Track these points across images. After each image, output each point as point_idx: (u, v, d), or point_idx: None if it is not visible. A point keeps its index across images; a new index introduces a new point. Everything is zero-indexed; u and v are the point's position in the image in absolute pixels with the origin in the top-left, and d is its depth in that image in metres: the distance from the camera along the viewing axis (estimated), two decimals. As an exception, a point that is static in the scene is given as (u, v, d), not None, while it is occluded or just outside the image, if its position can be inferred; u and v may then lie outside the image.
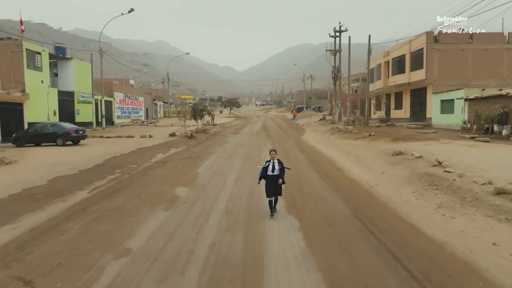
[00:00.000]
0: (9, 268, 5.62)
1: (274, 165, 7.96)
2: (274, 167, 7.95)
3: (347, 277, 5.28)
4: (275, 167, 7.95)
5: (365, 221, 7.78)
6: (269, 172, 7.98)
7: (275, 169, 7.95)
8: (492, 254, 6.03)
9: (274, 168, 7.94)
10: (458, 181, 9.82)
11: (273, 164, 7.98)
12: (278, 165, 7.96)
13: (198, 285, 5.04)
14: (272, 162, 8.00)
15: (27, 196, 9.93)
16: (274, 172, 7.94)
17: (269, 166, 8.00)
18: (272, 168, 7.95)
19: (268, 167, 7.99)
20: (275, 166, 7.95)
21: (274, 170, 7.94)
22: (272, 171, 7.95)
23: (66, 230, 7.36)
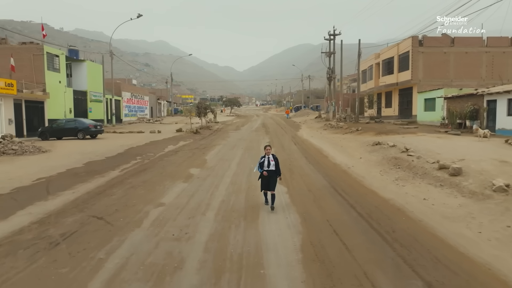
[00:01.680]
0: (83, 212, 8.14)
1: (269, 161, 8.09)
2: (269, 162, 8.07)
3: (316, 216, 7.79)
4: (270, 162, 8.07)
5: (336, 188, 10.31)
6: (264, 167, 8.09)
7: (271, 164, 8.07)
8: (419, 204, 8.56)
9: (269, 163, 8.08)
10: (415, 162, 12.35)
11: (268, 159, 8.11)
12: (273, 160, 8.10)
13: (215, 220, 7.56)
14: (268, 157, 8.13)
15: (72, 174, 12.45)
16: (270, 167, 8.06)
17: (265, 162, 8.12)
18: (268, 163, 8.08)
19: (264, 163, 8.11)
20: (270, 162, 8.07)
21: (270, 165, 8.06)
22: (268, 166, 8.07)
23: (112, 193, 9.88)
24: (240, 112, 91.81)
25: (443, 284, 4.82)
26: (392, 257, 5.72)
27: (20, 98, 24.32)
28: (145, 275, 5.12)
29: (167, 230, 6.96)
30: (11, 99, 23.49)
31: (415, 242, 6.30)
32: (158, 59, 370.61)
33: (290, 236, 6.58)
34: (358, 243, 6.29)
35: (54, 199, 9.22)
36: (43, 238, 6.54)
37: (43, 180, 11.38)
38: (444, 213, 7.86)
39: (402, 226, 7.11)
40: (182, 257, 5.73)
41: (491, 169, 10.01)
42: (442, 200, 8.74)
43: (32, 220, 7.53)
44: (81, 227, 7.12)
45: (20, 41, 31.07)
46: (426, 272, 5.15)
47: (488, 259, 5.57)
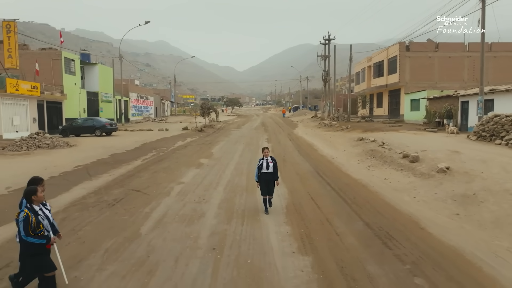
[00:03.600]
0: (123, 187, 10.72)
1: (268, 162, 7.99)
2: (268, 164, 7.97)
3: (300, 190, 10.36)
4: (269, 164, 7.96)
5: (319, 172, 12.90)
6: (263, 169, 7.97)
7: (269, 166, 7.95)
8: (380, 182, 11.16)
9: (268, 165, 7.96)
10: (386, 152, 14.93)
11: (266, 161, 7.99)
12: (271, 162, 8.02)
13: (224, 192, 10.14)
14: (266, 160, 8.02)
15: (103, 163, 15.03)
16: (269, 169, 7.95)
17: (263, 164, 8.00)
18: (267, 166, 7.96)
19: (262, 165, 8.01)
20: (269, 163, 7.97)
21: (269, 167, 7.95)
22: (267, 168, 7.95)
23: (141, 176, 12.46)
24: (240, 112, 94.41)
25: (375, 223, 7.41)
26: (348, 211, 8.32)
27: (43, 99, 26.90)
28: (180, 220, 7.71)
29: (189, 197, 9.55)
30: (35, 100, 26.06)
31: (367, 203, 8.89)
32: (158, 59, 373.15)
33: (279, 201, 9.15)
34: (326, 204, 8.88)
35: (97, 179, 11.81)
36: (102, 201, 9.14)
37: (82, 167, 13.97)
38: (395, 187, 10.46)
39: (361, 195, 9.70)
40: (203, 211, 8.32)
41: (442, 156, 12.56)
42: (398, 179, 11.34)
43: (88, 192, 10.12)
44: (126, 196, 9.72)
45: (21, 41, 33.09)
46: (368, 218, 7.73)
47: (412, 211, 8.17)
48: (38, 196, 4.30)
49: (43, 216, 4.30)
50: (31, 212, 4.17)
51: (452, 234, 6.77)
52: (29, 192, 4.30)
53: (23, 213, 4.14)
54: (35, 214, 4.20)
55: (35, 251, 4.23)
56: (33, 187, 4.40)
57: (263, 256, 5.87)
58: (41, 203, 4.41)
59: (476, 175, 9.99)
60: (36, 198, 4.30)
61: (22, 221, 4.10)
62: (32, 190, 4.33)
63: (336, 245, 6.30)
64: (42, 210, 4.35)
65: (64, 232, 6.99)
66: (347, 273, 5.24)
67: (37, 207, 4.30)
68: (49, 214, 4.45)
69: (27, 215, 4.11)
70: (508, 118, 14.77)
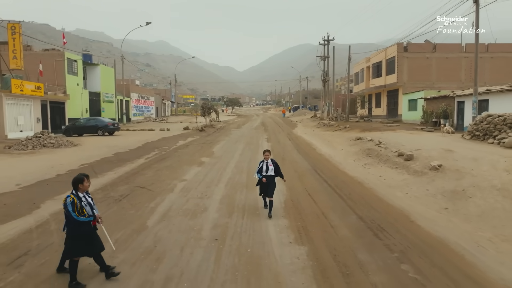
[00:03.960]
0: (128, 184, 11.17)
1: (268, 165, 8.02)
2: (268, 167, 8.00)
3: (298, 187, 10.81)
4: (269, 167, 7.99)
5: (317, 170, 13.35)
6: (263, 172, 8.00)
7: (269, 169, 7.99)
8: (375, 179, 11.61)
9: (268, 168, 7.99)
10: (382, 151, 15.38)
11: (266, 164, 8.03)
12: (271, 165, 8.03)
13: (225, 188, 10.59)
14: (266, 162, 8.06)
15: (107, 161, 15.47)
16: (269, 172, 7.97)
17: (263, 166, 8.03)
18: (266, 168, 7.99)
19: (262, 167, 8.04)
20: (268, 166, 8.00)
21: (268, 170, 7.98)
22: (266, 171, 7.98)
23: (145, 173, 12.90)
24: (240, 112, 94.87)
25: (368, 217, 7.85)
26: (343, 206, 8.77)
27: (46, 99, 27.33)
28: (184, 214, 8.16)
29: (192, 193, 10.00)
30: (39, 100, 26.50)
31: (361, 199, 9.34)
32: (158, 59, 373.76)
33: (277, 197, 9.57)
34: (323, 199, 9.33)
35: (103, 177, 12.26)
36: (109, 197, 9.59)
37: (87, 165, 14.41)
38: (389, 184, 10.91)
39: (356, 191, 10.15)
40: (205, 206, 8.77)
41: (435, 155, 13.00)
42: (392, 177, 11.79)
43: (95, 188, 10.55)
44: (132, 192, 10.17)
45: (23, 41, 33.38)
46: (361, 212, 8.18)
47: (404, 206, 8.62)
48: (84, 185, 4.95)
49: (86, 202, 4.90)
50: (76, 197, 4.80)
51: (439, 226, 7.22)
52: (77, 180, 4.93)
53: (69, 198, 4.76)
54: (79, 200, 4.82)
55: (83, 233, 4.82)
56: (81, 176, 5.01)
57: (262, 245, 6.32)
58: (84, 192, 5.03)
59: (467, 172, 10.43)
60: (82, 187, 4.94)
61: (70, 204, 4.70)
62: (79, 179, 4.97)
63: (331, 236, 6.75)
64: (85, 197, 4.96)
65: (76, 224, 7.45)
66: (340, 260, 5.69)
67: (81, 194, 4.92)
68: (92, 202, 5.04)
69: (73, 199, 4.76)
70: (500, 118, 15.21)
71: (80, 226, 4.80)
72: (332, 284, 4.95)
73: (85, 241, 4.84)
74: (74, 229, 4.82)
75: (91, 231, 4.96)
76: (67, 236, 4.93)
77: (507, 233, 6.66)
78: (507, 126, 14.74)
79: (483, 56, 34.36)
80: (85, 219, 4.77)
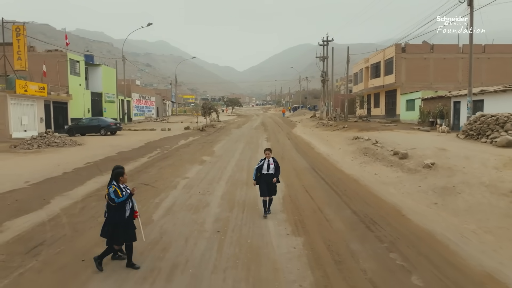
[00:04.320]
0: (133, 181, 11.60)
1: (269, 164, 7.94)
2: (269, 165, 7.92)
3: (296, 184, 11.26)
4: (270, 166, 7.91)
5: (315, 168, 13.80)
6: (263, 171, 7.94)
7: (270, 167, 7.90)
8: (370, 177, 12.05)
9: (269, 167, 7.92)
10: (379, 150, 15.82)
11: (268, 162, 7.95)
12: (272, 164, 7.96)
13: (226, 185, 11.03)
14: (267, 161, 7.96)
15: (111, 160, 15.90)
16: (269, 170, 7.90)
17: (264, 165, 7.96)
18: (267, 167, 7.92)
19: (263, 166, 7.97)
20: (269, 165, 7.92)
21: (269, 169, 7.90)
22: (267, 169, 7.91)
23: (148, 171, 13.35)
24: (240, 112, 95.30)
25: (362, 211, 8.30)
26: (338, 201, 9.22)
27: (49, 99, 27.78)
28: (187, 209, 8.60)
29: (194, 190, 10.45)
30: (42, 101, 26.94)
31: (356, 195, 9.79)
32: (158, 59, 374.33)
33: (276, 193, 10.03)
34: (319, 195, 9.78)
35: (108, 175, 12.66)
36: (115, 193, 10.02)
37: (92, 164, 14.86)
38: (384, 181, 11.36)
39: (352, 188, 10.60)
40: (207, 202, 9.22)
41: (429, 153, 13.44)
42: (387, 174, 12.24)
43: (101, 185, 10.99)
44: (137, 189, 10.59)
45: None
46: (355, 207, 8.63)
47: (396, 201, 9.07)
48: (124, 178, 5.58)
49: (125, 192, 5.50)
50: (117, 187, 5.42)
51: (428, 220, 7.66)
52: (118, 173, 5.54)
53: (111, 187, 5.42)
54: (120, 190, 5.43)
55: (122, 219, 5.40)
56: (122, 170, 5.60)
57: (261, 237, 6.77)
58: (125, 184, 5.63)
59: (458, 170, 10.88)
60: (122, 179, 5.56)
61: (112, 192, 5.36)
62: (120, 172, 5.55)
63: (325, 229, 7.20)
64: (125, 189, 5.56)
65: (86, 218, 7.92)
66: (333, 250, 6.14)
67: (122, 185, 5.53)
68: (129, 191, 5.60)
69: (115, 189, 5.39)
70: (493, 118, 15.65)
71: (119, 212, 5.39)
72: (325, 270, 5.39)
73: (122, 228, 5.40)
74: (114, 215, 5.40)
75: (128, 220, 5.51)
76: (107, 223, 5.46)
77: (490, 226, 7.10)
78: (499, 126, 15.18)
79: (480, 56, 34.84)
80: (123, 198, 5.35)
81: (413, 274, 5.26)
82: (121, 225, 5.40)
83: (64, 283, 5.04)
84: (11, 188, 10.52)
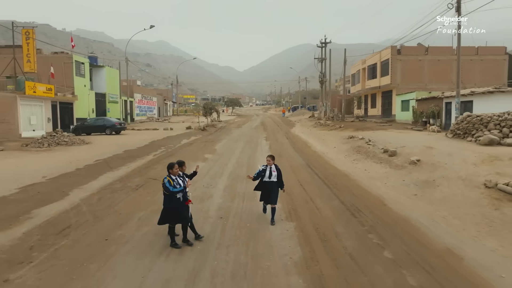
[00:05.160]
0: (142, 176, 12.62)
1: (271, 171, 7.61)
2: (271, 172, 7.59)
3: (291, 179, 12.24)
4: (272, 173, 7.58)
5: (310, 165, 14.80)
6: (265, 178, 7.57)
7: (272, 175, 7.57)
8: (360, 172, 13.06)
9: (271, 174, 7.58)
10: (371, 148, 16.82)
11: (270, 169, 7.62)
12: (275, 171, 7.63)
13: (227, 180, 12.04)
14: (269, 168, 7.64)
15: (119, 158, 16.91)
16: (272, 178, 7.55)
17: (266, 172, 7.61)
18: (269, 174, 7.57)
19: (265, 173, 7.61)
20: (272, 172, 7.59)
21: (271, 176, 7.56)
22: (269, 176, 7.56)
23: (154, 167, 14.35)
24: (240, 112, 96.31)
25: (349, 201, 9.30)
26: (329, 193, 10.22)
27: (56, 100, 28.78)
28: (193, 199, 9.50)
29: (199, 184, 11.44)
30: (49, 101, 27.95)
31: (345, 188, 10.80)
32: (159, 59, 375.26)
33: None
34: (312, 188, 10.78)
35: (118, 171, 13.70)
36: (127, 186, 11.05)
37: (101, 161, 15.86)
38: (372, 176, 12.36)
39: (342, 182, 11.61)
40: (211, 193, 10.23)
41: (416, 151, 14.43)
42: (375, 170, 13.24)
43: (113, 180, 12.02)
44: (145, 183, 11.61)
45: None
46: (343, 198, 9.63)
47: (381, 193, 10.08)
48: (173, 170, 6.52)
49: (176, 182, 6.48)
50: (170, 178, 6.47)
51: (406, 208, 8.67)
52: (168, 166, 6.62)
53: (165, 178, 6.46)
54: (173, 180, 6.46)
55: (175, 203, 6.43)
56: (170, 164, 6.64)
57: (258, 222, 7.77)
58: (177, 175, 6.59)
59: (440, 166, 11.87)
60: (171, 171, 6.53)
61: (167, 182, 6.41)
62: (170, 166, 6.60)
63: (315, 215, 8.20)
64: (177, 179, 6.51)
65: (104, 207, 8.93)
66: (320, 231, 7.14)
67: (173, 176, 6.50)
68: (181, 183, 6.55)
69: (168, 180, 6.43)
70: (478, 118, 16.66)
71: (173, 199, 6.42)
72: (312, 247, 6.40)
73: (176, 211, 6.43)
74: (169, 201, 6.46)
75: (181, 205, 6.50)
76: (164, 207, 6.57)
77: (460, 213, 8.11)
78: (483, 125, 16.18)
79: (473, 58, 35.88)
80: (177, 189, 6.40)
81: (386, 249, 6.27)
82: (173, 209, 6.43)
83: (93, 256, 6.04)
84: (31, 182, 11.52)
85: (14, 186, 10.90)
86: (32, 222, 7.68)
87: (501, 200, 8.31)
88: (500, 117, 15.90)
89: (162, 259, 5.97)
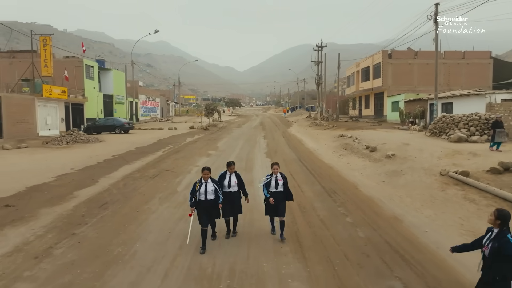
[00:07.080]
0: (156, 168, 14.73)
1: (277, 180, 7.17)
2: (277, 182, 7.15)
3: (284, 170, 14.27)
4: (278, 183, 7.14)
5: (301, 159, 16.92)
6: (271, 188, 7.13)
7: (279, 184, 7.13)
8: (343, 165, 15.19)
9: (277, 183, 7.14)
10: (356, 145, 18.94)
11: (276, 178, 7.19)
12: (281, 180, 7.17)
13: (229, 171, 14.14)
14: (275, 177, 7.20)
15: (133, 153, 19.02)
16: (278, 188, 7.12)
17: (272, 181, 7.17)
18: (275, 184, 7.14)
19: (271, 183, 7.16)
20: (278, 181, 7.15)
21: (278, 186, 7.13)
22: (276, 187, 7.13)
23: (165, 161, 16.47)
24: (241, 112, 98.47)
25: (328, 186, 11.42)
26: (313, 180, 12.34)
27: (69, 101, 30.90)
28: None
29: (205, 174, 13.56)
30: (63, 103, 30.08)
31: (328, 177, 12.92)
32: (159, 59, 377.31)
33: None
34: (300, 177, 12.90)
35: (134, 164, 15.82)
36: (145, 176, 13.17)
37: (117, 156, 17.97)
38: (352, 167, 14.49)
39: (326, 172, 13.73)
40: (215, 181, 12.33)
41: (394, 147, 16.54)
42: (356, 163, 15.37)
43: (132, 170, 14.13)
44: (160, 173, 13.73)
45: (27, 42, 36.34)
46: (324, 184, 11.75)
47: (356, 180, 12.20)
48: (203, 176, 6.61)
49: (203, 188, 6.57)
50: (198, 182, 6.61)
51: (374, 191, 10.78)
52: (202, 170, 6.68)
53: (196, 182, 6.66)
54: (200, 183, 6.59)
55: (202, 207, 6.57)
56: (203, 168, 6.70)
57: (253, 201, 9.88)
58: (210, 180, 6.63)
59: (411, 159, 13.98)
60: (203, 175, 6.61)
61: (193, 186, 6.66)
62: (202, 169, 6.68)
63: (299, 196, 10.31)
64: (205, 185, 6.54)
65: (130, 190, 11.05)
66: (301, 206, 9.26)
67: (204, 181, 6.56)
68: (209, 188, 6.57)
69: (195, 184, 6.62)
70: (451, 118, 18.78)
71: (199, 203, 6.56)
72: (293, 215, 8.52)
73: (204, 215, 6.59)
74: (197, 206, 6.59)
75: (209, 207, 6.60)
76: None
77: (413, 193, 10.22)
78: (455, 125, 18.30)
79: (460, 62, 38.02)
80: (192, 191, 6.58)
81: (348, 216, 8.39)
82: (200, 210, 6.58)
83: (131, 220, 8.15)
84: (62, 172, 13.63)
85: (51, 175, 13.01)
86: (76, 200, 9.81)
87: (448, 184, 10.42)
88: (468, 117, 18.02)
89: (183, 221, 8.08)
